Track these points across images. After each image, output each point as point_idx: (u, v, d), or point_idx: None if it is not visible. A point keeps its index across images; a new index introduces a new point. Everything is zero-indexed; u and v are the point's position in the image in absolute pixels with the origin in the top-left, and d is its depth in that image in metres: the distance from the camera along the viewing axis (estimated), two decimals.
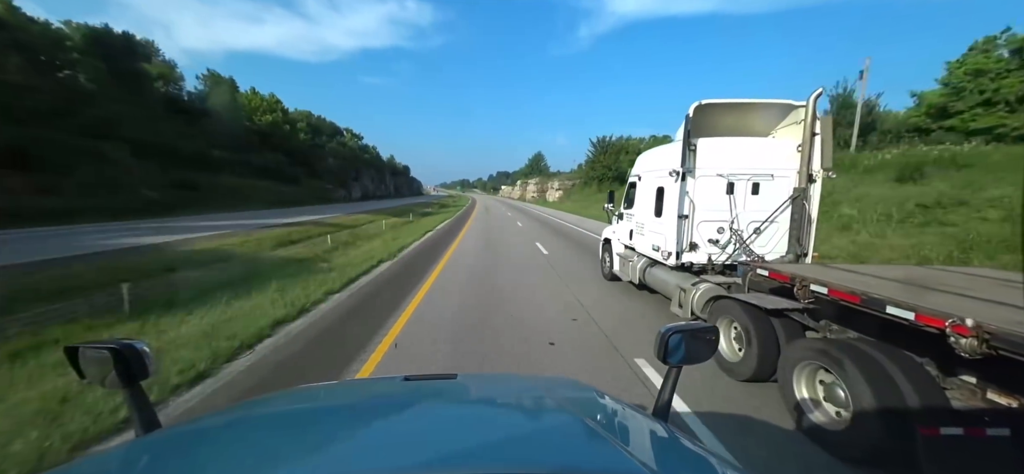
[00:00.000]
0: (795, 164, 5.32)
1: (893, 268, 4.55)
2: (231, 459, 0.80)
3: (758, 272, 4.21)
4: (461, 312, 6.20)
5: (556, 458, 0.77)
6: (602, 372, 4.20)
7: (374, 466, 0.71)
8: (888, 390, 2.54)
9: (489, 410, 1.16)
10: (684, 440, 0.92)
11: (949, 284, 3.16)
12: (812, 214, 5.34)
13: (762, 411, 3.38)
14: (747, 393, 3.68)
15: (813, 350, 3.09)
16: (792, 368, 3.20)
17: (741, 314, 3.94)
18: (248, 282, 7.70)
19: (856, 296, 2.89)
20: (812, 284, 3.34)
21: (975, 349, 2.10)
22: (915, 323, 2.44)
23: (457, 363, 4.41)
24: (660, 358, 1.15)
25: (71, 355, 1.01)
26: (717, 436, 3.01)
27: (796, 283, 3.53)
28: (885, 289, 2.94)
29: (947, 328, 2.22)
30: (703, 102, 5.34)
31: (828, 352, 2.92)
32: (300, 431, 0.94)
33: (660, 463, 0.81)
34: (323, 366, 4.35)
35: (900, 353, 2.77)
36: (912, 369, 2.62)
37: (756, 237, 5.54)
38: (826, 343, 3.09)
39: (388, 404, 1.14)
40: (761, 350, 3.66)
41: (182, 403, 3.55)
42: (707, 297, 4.91)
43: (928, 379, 2.58)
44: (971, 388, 2.49)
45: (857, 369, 2.65)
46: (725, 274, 5.61)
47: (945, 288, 3.02)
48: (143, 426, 0.99)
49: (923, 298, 2.66)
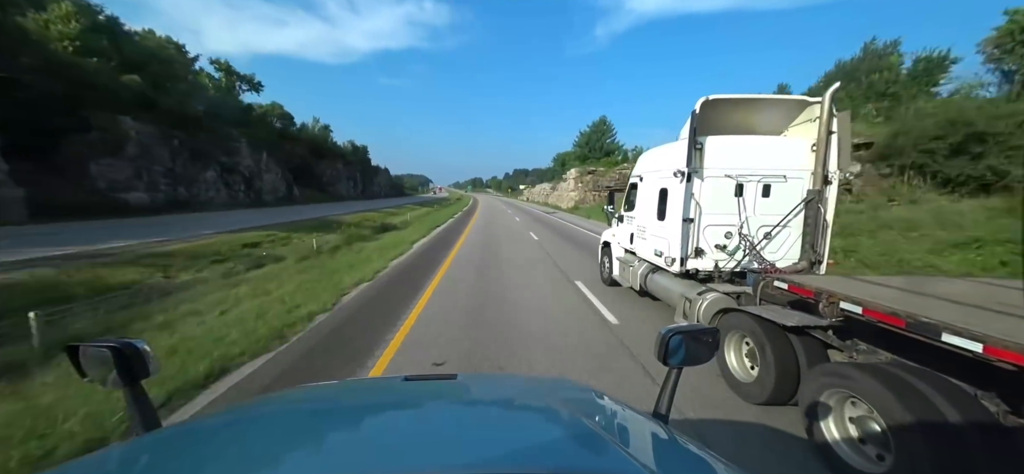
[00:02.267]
0: (809, 165, 4.94)
1: (933, 281, 4.15)
2: (231, 459, 0.80)
3: (775, 284, 3.81)
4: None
5: (556, 459, 0.76)
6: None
7: (374, 467, 0.71)
8: (937, 428, 2.14)
9: (489, 411, 1.16)
10: (684, 441, 0.92)
11: (1008, 304, 2.74)
12: (828, 218, 4.96)
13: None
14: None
15: (839, 375, 2.69)
16: (816, 396, 2.80)
17: (756, 329, 3.55)
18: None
19: (900, 319, 2.49)
20: (842, 301, 2.94)
21: None
22: (983, 356, 2.05)
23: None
24: (660, 360, 1.13)
25: (72, 354, 1.00)
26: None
27: (822, 299, 3.13)
28: (937, 310, 2.53)
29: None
30: (710, 97, 4.95)
31: (856, 378, 2.52)
32: (300, 432, 0.93)
33: (660, 464, 0.81)
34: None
35: (949, 383, 2.37)
36: (966, 404, 2.22)
37: (767, 243, 5.15)
38: (852, 368, 2.69)
39: (388, 404, 1.14)
40: (779, 371, 3.27)
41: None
42: (715, 309, 4.51)
43: (988, 418, 2.18)
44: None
45: (896, 401, 2.25)
46: (733, 282, 5.22)
47: (1010, 310, 2.60)
48: (143, 426, 0.98)
49: (990, 324, 2.26)
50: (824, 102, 4.69)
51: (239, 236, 16.16)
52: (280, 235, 17.14)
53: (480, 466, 0.69)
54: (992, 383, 2.31)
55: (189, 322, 5.91)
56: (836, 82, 4.64)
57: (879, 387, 2.39)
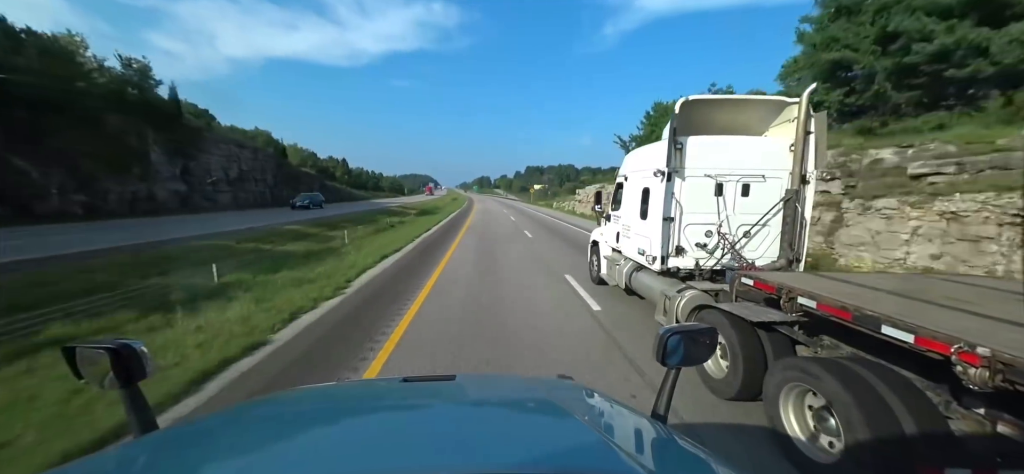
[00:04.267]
0: (788, 165, 5.01)
1: (892, 277, 4.21)
2: (228, 460, 0.80)
3: (742, 280, 3.88)
4: None
5: (555, 460, 0.76)
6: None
7: (371, 468, 0.70)
8: (882, 418, 2.21)
9: (488, 411, 1.15)
10: (682, 442, 0.92)
11: (956, 298, 2.82)
12: (805, 217, 5.03)
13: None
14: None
15: (798, 369, 2.77)
16: (777, 389, 2.88)
17: (726, 326, 3.62)
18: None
19: (848, 312, 2.57)
20: (799, 296, 3.01)
21: (986, 381, 1.79)
22: (915, 346, 2.13)
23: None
24: (659, 360, 1.13)
25: (68, 355, 0.99)
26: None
27: (782, 294, 3.21)
28: (881, 304, 2.61)
29: (953, 355, 1.91)
30: (690, 98, 5.02)
31: (812, 372, 2.60)
32: (298, 433, 0.93)
33: (658, 464, 0.81)
34: None
35: (898, 375, 2.45)
36: (910, 394, 2.30)
37: (746, 242, 5.22)
38: (811, 362, 2.76)
39: (386, 405, 1.14)
40: (747, 367, 3.35)
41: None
42: (692, 306, 4.59)
43: (930, 408, 2.26)
44: (979, 420, 2.17)
45: (846, 393, 2.33)
46: (713, 281, 5.29)
47: (951, 303, 2.69)
48: (140, 427, 0.97)
49: (924, 316, 2.34)
50: (801, 103, 4.76)
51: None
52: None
53: (479, 467, 0.68)
54: (945, 377, 2.38)
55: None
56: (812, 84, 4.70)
57: (832, 380, 2.46)
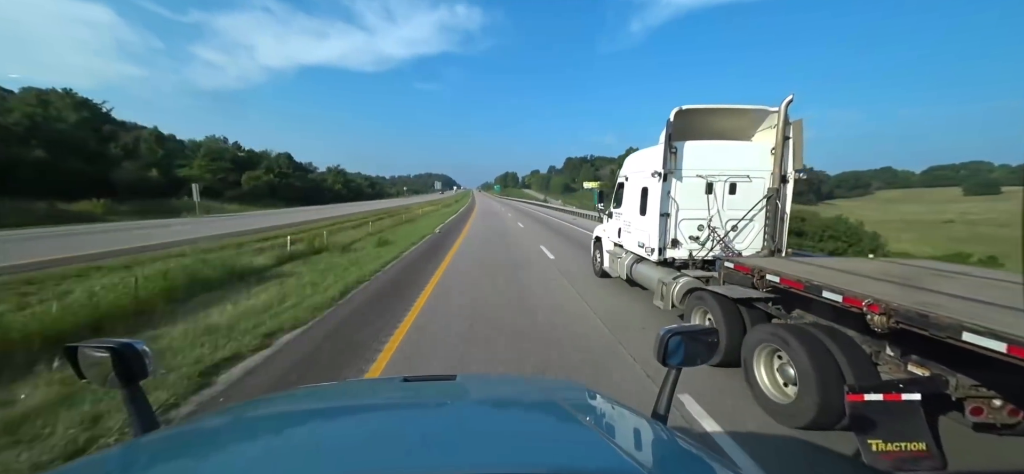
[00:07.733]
0: (769, 166, 5.68)
1: (847, 260, 4.88)
2: (229, 460, 0.80)
3: (725, 265, 4.57)
4: None
5: (555, 459, 0.77)
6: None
7: (371, 468, 0.70)
8: (827, 364, 2.89)
9: (488, 411, 1.16)
10: (683, 442, 0.93)
11: (892, 274, 3.52)
12: (785, 212, 5.70)
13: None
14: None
15: (767, 332, 3.45)
16: (751, 350, 3.56)
17: (713, 304, 4.30)
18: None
19: (800, 283, 3.25)
20: (768, 273, 3.70)
21: (884, 324, 2.45)
22: (842, 305, 2.80)
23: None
24: (660, 360, 1.15)
25: (70, 354, 1.00)
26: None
27: (755, 274, 3.89)
28: (826, 277, 3.30)
29: (864, 307, 2.58)
30: (683, 108, 5.69)
31: (778, 333, 3.28)
32: (298, 432, 0.95)
33: (658, 464, 0.82)
34: None
35: (842, 332, 3.12)
36: (849, 346, 2.98)
37: (734, 234, 5.90)
38: (779, 327, 3.45)
39: (387, 405, 1.14)
40: (728, 332, 4.02)
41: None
42: (685, 290, 5.27)
43: (862, 355, 2.94)
44: (896, 361, 2.85)
45: (801, 346, 3.00)
46: (705, 269, 5.97)
47: (882, 277, 3.38)
48: (142, 427, 0.98)
49: (857, 285, 3.02)
50: (780, 111, 5.43)
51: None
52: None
53: (479, 467, 0.69)
54: (883, 337, 3.05)
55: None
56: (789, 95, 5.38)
57: (794, 339, 3.14)
